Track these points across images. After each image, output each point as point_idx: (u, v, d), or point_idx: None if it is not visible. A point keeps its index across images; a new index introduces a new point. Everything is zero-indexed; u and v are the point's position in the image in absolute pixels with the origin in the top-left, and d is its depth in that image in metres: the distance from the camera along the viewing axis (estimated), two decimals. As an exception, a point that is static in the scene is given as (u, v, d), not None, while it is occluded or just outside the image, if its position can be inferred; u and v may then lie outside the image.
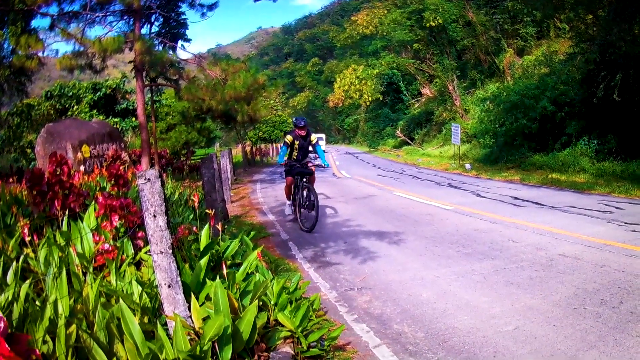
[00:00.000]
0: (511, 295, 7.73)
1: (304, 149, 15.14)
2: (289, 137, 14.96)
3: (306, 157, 15.37)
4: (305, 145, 15.08)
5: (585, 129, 27.15)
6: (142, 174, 4.73)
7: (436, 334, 6.44)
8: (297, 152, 15.04)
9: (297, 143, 14.91)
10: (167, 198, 12.19)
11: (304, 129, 14.81)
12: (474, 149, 40.91)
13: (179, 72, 26.22)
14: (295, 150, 15.02)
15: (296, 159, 15.07)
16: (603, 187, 19.86)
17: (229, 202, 19.07)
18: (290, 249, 11.95)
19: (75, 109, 40.65)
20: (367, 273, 9.50)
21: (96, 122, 21.98)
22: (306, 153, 15.30)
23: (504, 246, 11.00)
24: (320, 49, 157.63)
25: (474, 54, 58.33)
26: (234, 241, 8.29)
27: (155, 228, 4.76)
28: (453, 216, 15.08)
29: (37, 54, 21.99)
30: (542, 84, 31.95)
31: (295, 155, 15.08)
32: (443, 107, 57.65)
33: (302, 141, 14.95)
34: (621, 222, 12.94)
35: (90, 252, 6.58)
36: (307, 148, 15.20)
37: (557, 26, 44.23)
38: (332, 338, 6.02)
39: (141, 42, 22.33)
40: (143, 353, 4.43)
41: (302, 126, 14.73)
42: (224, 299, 5.01)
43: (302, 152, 15.12)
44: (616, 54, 24.16)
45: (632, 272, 8.52)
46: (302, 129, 14.76)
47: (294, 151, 15.03)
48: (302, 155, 15.17)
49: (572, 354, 5.66)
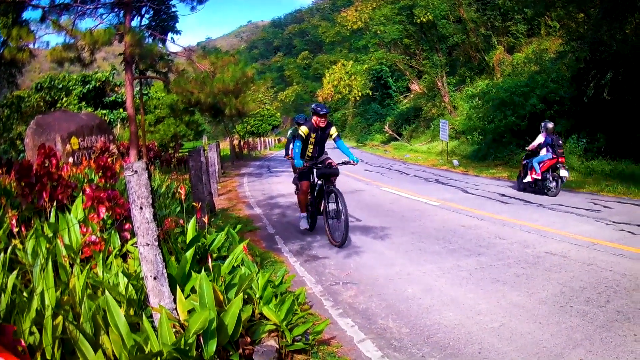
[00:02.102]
0: (497, 292, 7.76)
1: (321, 144, 12.64)
2: (304, 128, 12.13)
3: (322, 154, 12.79)
4: (323, 139, 12.51)
5: (575, 128, 27.19)
6: (129, 166, 4.73)
7: (421, 330, 6.46)
8: (312, 147, 12.45)
9: (314, 136, 12.25)
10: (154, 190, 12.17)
11: (325, 118, 12.08)
12: (462, 145, 40.94)
13: (169, 65, 26.24)
14: (311, 146, 12.41)
15: (311, 157, 12.54)
16: (592, 185, 19.89)
17: (216, 195, 19.07)
18: (276, 243, 11.99)
19: (64, 101, 40.75)
20: (353, 268, 9.54)
21: (85, 114, 22.03)
22: (323, 149, 12.80)
23: (491, 243, 11.03)
24: (310, 44, 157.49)
25: (463, 50, 58.35)
26: (220, 234, 8.31)
27: (142, 220, 4.76)
28: (440, 212, 15.11)
29: (28, 46, 22.02)
30: (532, 81, 31.97)
31: (311, 152, 12.51)
32: (432, 103, 57.88)
33: (320, 134, 12.30)
34: (609, 221, 12.96)
35: (78, 243, 6.59)
36: (324, 143, 12.68)
37: (547, 24, 44.28)
38: (316, 332, 6.04)
39: (131, 34, 22.33)
40: (128, 345, 4.44)
41: (323, 114, 11.96)
42: (209, 292, 5.02)
43: (318, 147, 12.59)
44: (606, 53, 24.21)
45: (620, 271, 8.54)
46: (322, 118, 11.99)
47: (308, 146, 12.41)
48: (318, 152, 12.65)
49: (557, 352, 5.68)
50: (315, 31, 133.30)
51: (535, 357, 5.60)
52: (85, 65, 24.01)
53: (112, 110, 42.24)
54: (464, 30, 54.71)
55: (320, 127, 12.20)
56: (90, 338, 4.53)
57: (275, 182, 26.04)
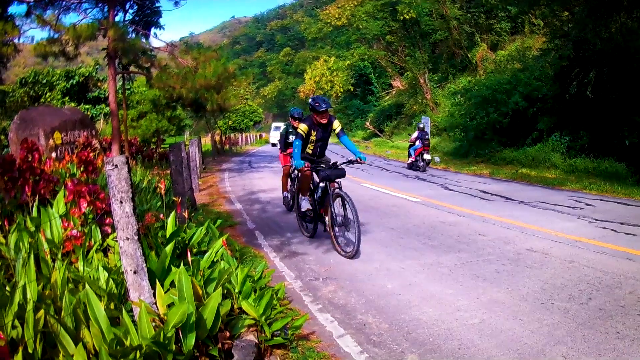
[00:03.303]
0: (477, 289, 7.76)
1: (324, 142, 11.47)
2: (303, 125, 10.93)
3: (324, 152, 11.66)
4: (325, 137, 11.33)
5: (557, 125, 27.34)
6: (109, 160, 4.72)
7: (400, 325, 6.46)
8: (313, 146, 11.30)
9: (315, 134, 11.09)
10: (136, 185, 12.15)
11: (326, 115, 10.80)
12: (443, 142, 41.02)
13: (151, 60, 26.11)
14: (311, 144, 11.28)
15: (312, 156, 11.37)
16: (574, 183, 20.03)
17: (197, 191, 19.00)
18: (256, 238, 11.90)
19: (48, 96, 40.60)
20: (333, 263, 9.52)
21: (68, 109, 21.92)
22: (325, 147, 11.59)
23: (471, 239, 11.04)
24: (292, 40, 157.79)
25: (446, 47, 58.55)
26: (199, 229, 8.30)
27: (122, 214, 4.76)
28: (420, 208, 15.11)
29: (13, 41, 21.94)
30: (515, 79, 32.12)
31: (312, 151, 11.37)
32: (414, 100, 57.98)
33: (322, 131, 11.14)
34: (591, 218, 13.03)
35: (59, 238, 6.58)
36: (327, 140, 11.51)
37: (531, 22, 44.54)
38: (295, 327, 6.04)
39: (114, 29, 22.26)
40: (108, 338, 4.43)
41: (323, 110, 10.63)
42: (187, 286, 5.01)
43: (320, 146, 11.42)
44: (590, 51, 24.34)
45: (602, 269, 8.58)
46: (323, 115, 10.73)
47: (309, 144, 11.27)
48: (320, 150, 11.49)
49: (539, 348, 5.68)
50: (298, 27, 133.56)
51: (515, 353, 5.60)
52: (70, 60, 23.90)
53: (94, 106, 42.06)
54: (447, 27, 54.88)
55: (321, 124, 10.89)
56: (72, 332, 4.53)
57: (256, 178, 26.04)
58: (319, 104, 10.56)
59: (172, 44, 26.25)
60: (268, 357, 5.61)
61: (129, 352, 4.29)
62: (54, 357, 4.41)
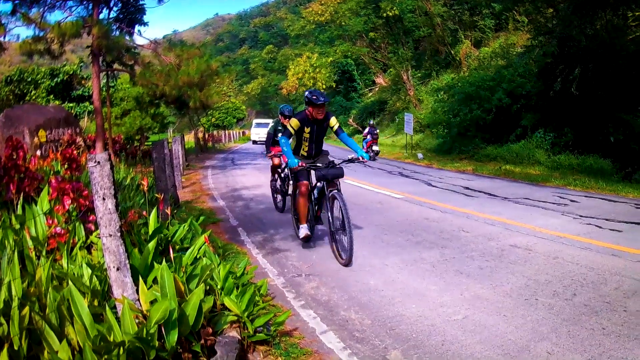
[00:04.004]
0: (460, 285, 7.76)
1: (319, 140, 10.50)
2: (294, 121, 9.95)
3: (320, 152, 10.71)
4: (320, 134, 10.37)
5: (541, 122, 27.47)
6: (92, 157, 4.71)
7: (383, 322, 6.45)
8: (307, 144, 10.37)
9: (308, 130, 10.11)
10: (119, 182, 12.13)
11: (323, 109, 9.85)
12: (426, 138, 41.22)
13: (135, 58, 26.18)
14: (305, 142, 10.34)
15: (307, 156, 10.49)
16: (558, 179, 20.10)
17: (180, 188, 18.97)
18: (239, 235, 11.88)
19: (33, 94, 40.66)
20: (315, 260, 9.51)
21: (52, 106, 21.95)
22: (321, 146, 10.68)
23: (454, 236, 11.05)
24: (276, 37, 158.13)
25: (430, 44, 58.62)
26: (182, 225, 8.26)
27: (105, 211, 4.75)
28: (403, 205, 15.15)
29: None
30: (498, 76, 32.34)
31: (306, 150, 10.46)
32: (397, 97, 58.10)
33: (317, 127, 10.17)
34: (576, 214, 13.05)
35: (44, 235, 6.56)
36: (322, 138, 10.58)
37: (515, 19, 44.59)
38: (278, 323, 6.04)
39: (99, 26, 22.30)
40: (92, 335, 4.42)
41: (320, 104, 9.68)
42: (170, 282, 5.01)
43: (315, 144, 10.44)
44: (575, 48, 24.41)
45: (587, 265, 8.59)
46: (319, 109, 9.78)
47: (302, 143, 10.37)
48: (315, 150, 10.54)
49: (523, 344, 5.68)
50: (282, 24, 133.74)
51: (499, 349, 5.60)
52: (55, 58, 23.99)
53: (78, 104, 42.19)
54: (431, 24, 54.90)
55: (316, 120, 9.94)
56: (56, 328, 4.52)
57: (239, 175, 26.02)
58: (317, 97, 9.69)
59: (155, 41, 26.37)
60: (251, 353, 5.62)
61: (112, 349, 4.29)
62: (39, 353, 4.41)
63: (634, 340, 5.70)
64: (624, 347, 5.54)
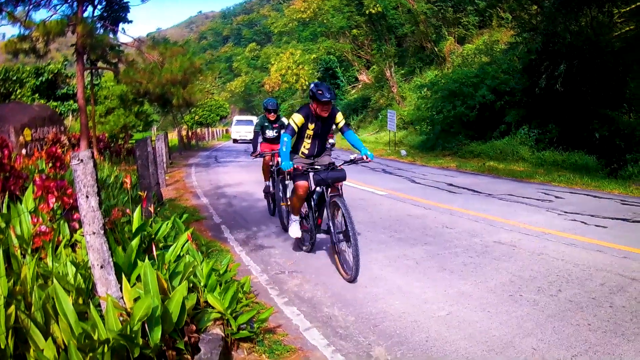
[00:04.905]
0: (444, 281, 7.76)
1: (323, 138, 9.49)
2: (298, 116, 8.86)
3: (324, 151, 9.68)
4: (325, 131, 9.38)
5: (526, 118, 27.51)
6: (75, 155, 4.70)
7: (367, 318, 6.45)
8: (310, 142, 9.34)
9: (313, 127, 9.08)
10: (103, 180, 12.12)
11: (329, 107, 8.76)
12: (410, 135, 41.25)
13: (119, 56, 26.23)
14: (307, 140, 9.30)
15: (308, 155, 9.45)
16: (543, 176, 20.14)
17: (164, 186, 18.91)
18: (222, 232, 11.87)
19: (18, 93, 40.72)
20: (299, 257, 9.51)
21: (37, 105, 22.04)
22: (324, 144, 9.66)
23: (438, 232, 11.04)
24: (259, 34, 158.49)
25: (413, 41, 58.66)
26: (165, 223, 8.24)
27: (88, 209, 4.74)
28: (386, 201, 15.14)
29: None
30: (482, 72, 32.32)
31: (308, 149, 9.40)
32: (380, 94, 58.01)
33: (322, 125, 9.14)
34: (561, 211, 13.06)
35: (29, 233, 6.55)
36: (326, 136, 9.59)
37: (499, 16, 44.68)
38: (261, 320, 6.04)
39: (83, 25, 22.33)
40: (77, 333, 4.41)
41: (326, 101, 8.50)
42: (153, 280, 5.00)
43: (319, 142, 9.41)
44: (560, 45, 24.45)
45: (572, 261, 8.60)
46: (325, 107, 8.67)
47: (304, 140, 9.31)
48: (317, 149, 9.47)
49: (508, 340, 5.69)
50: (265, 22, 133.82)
51: (484, 345, 5.60)
52: (40, 57, 23.98)
53: (63, 102, 42.28)
54: (414, 20, 54.92)
55: (320, 117, 8.87)
56: (42, 327, 4.52)
57: (222, 172, 25.95)
58: (322, 92, 8.46)
59: (139, 39, 26.42)
60: (235, 350, 5.62)
61: (96, 346, 4.28)
62: (25, 352, 4.41)
63: (620, 337, 5.70)
64: (611, 343, 5.54)
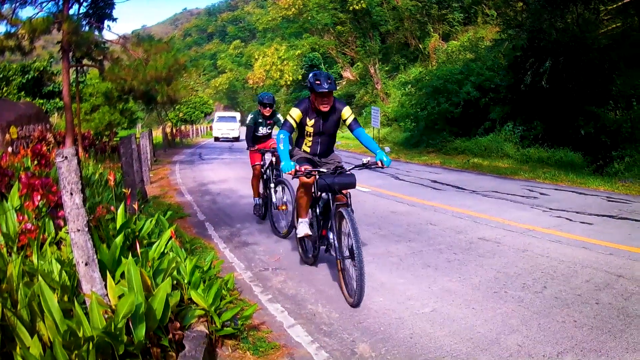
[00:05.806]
0: (428, 278, 7.76)
1: (328, 136, 8.12)
2: (295, 111, 7.69)
3: (331, 152, 8.37)
4: (329, 129, 7.97)
5: (510, 115, 27.62)
6: (59, 152, 4.70)
7: (351, 315, 6.46)
8: (312, 140, 8.04)
9: (312, 123, 7.80)
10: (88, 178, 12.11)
11: (328, 99, 7.46)
12: (394, 132, 41.43)
13: (104, 53, 26.18)
14: (309, 138, 8.01)
15: (311, 155, 8.15)
16: (527, 172, 20.21)
17: (148, 183, 18.84)
18: (206, 229, 11.83)
19: (4, 91, 40.70)
20: (282, 254, 9.49)
21: (23, 103, 22.05)
22: (332, 143, 8.32)
23: (422, 229, 11.05)
24: (243, 31, 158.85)
25: (398, 38, 58.68)
26: (149, 220, 8.22)
27: (72, 206, 4.73)
28: (370, 198, 15.10)
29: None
30: (467, 69, 32.45)
31: (310, 148, 8.12)
32: (364, 91, 58.43)
33: (323, 121, 7.82)
34: (546, 207, 13.09)
35: (15, 231, 6.54)
36: (332, 134, 8.19)
37: (484, 12, 44.77)
38: (245, 317, 6.03)
39: (69, 22, 22.29)
40: (62, 330, 4.41)
41: (324, 92, 7.26)
42: (136, 277, 4.99)
43: (322, 140, 8.08)
44: (546, 41, 24.51)
45: (557, 258, 8.60)
46: (324, 98, 7.41)
47: (305, 139, 8.07)
48: (321, 148, 8.15)
49: (493, 337, 5.68)
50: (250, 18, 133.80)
51: (469, 342, 5.59)
52: (26, 54, 23.94)
53: (49, 100, 42.33)
54: (399, 17, 54.89)
55: (320, 111, 7.60)
56: (27, 324, 4.52)
57: (207, 170, 25.95)
58: (320, 82, 7.25)
59: (124, 36, 26.35)
60: (219, 347, 5.63)
61: (81, 344, 4.28)
62: (11, 350, 4.41)
63: (606, 333, 5.70)
64: (597, 340, 5.54)
